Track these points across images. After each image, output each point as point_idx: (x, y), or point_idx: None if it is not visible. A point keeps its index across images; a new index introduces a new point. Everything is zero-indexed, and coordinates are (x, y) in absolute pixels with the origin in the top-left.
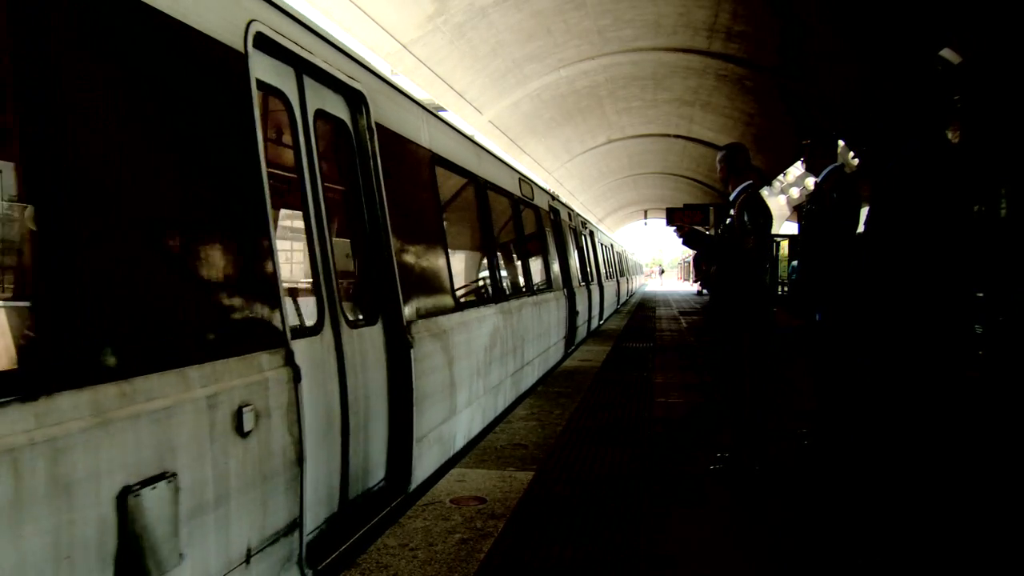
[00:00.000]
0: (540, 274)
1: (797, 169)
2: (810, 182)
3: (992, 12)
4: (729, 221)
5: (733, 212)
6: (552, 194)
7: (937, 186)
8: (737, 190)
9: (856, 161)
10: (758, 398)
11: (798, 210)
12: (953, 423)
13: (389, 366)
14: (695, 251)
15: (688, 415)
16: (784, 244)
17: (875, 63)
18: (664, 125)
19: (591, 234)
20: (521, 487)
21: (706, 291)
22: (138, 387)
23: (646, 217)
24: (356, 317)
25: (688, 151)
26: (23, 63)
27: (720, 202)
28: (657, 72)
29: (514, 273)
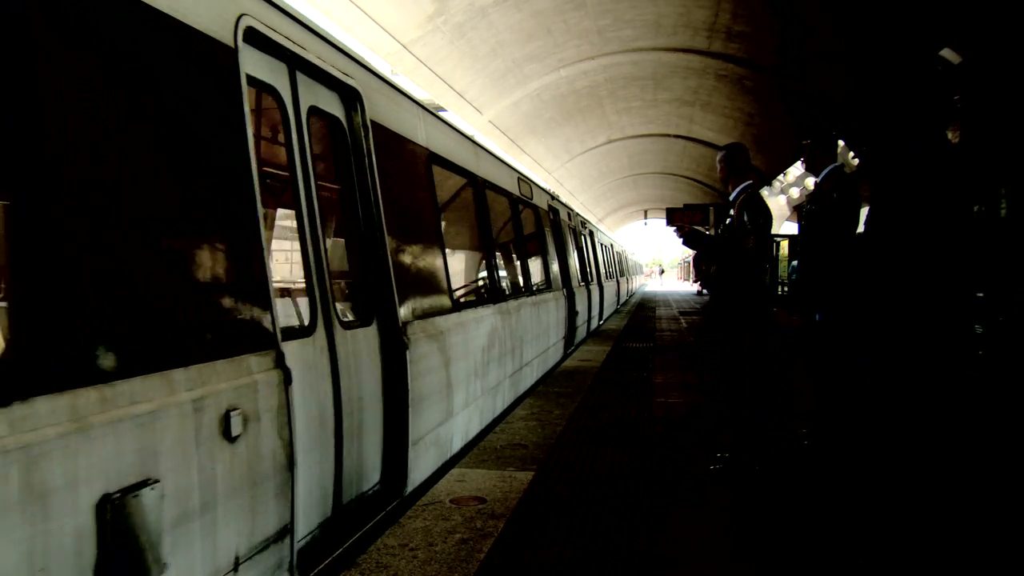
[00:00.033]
0: (539, 274)
1: (797, 169)
2: (810, 182)
3: (992, 12)
4: (729, 221)
5: (733, 212)
6: (551, 193)
7: (937, 186)
8: (737, 190)
9: (856, 161)
10: (758, 398)
11: (798, 210)
12: (953, 423)
13: (384, 368)
14: (695, 251)
15: (688, 415)
16: (784, 244)
17: (875, 63)
18: (664, 125)
19: (591, 234)
20: (521, 487)
21: (706, 291)
22: (120, 391)
23: (646, 217)
24: (350, 318)
25: (688, 151)
26: (2, 56)
27: (720, 202)
28: (657, 72)
29: (512, 273)
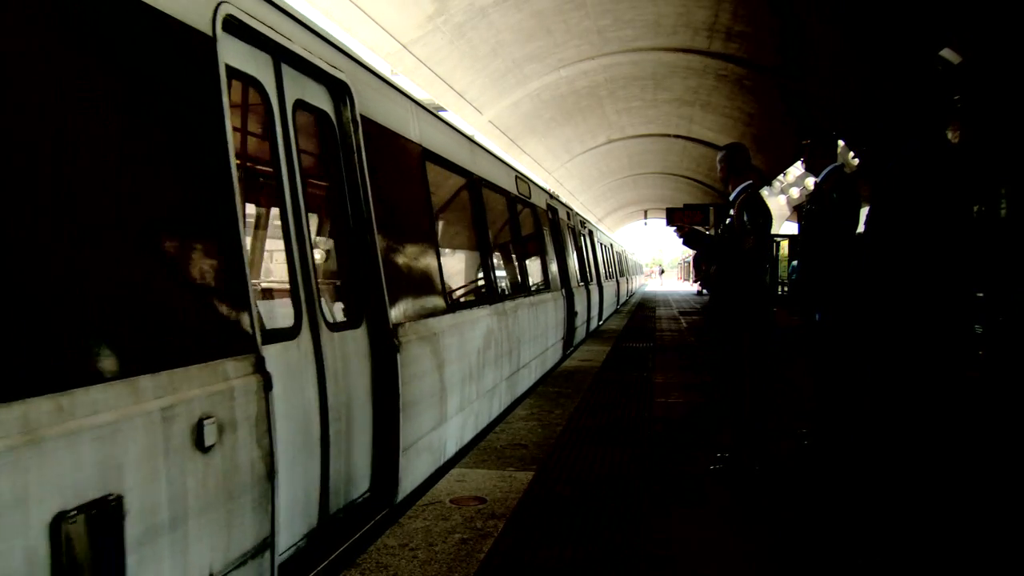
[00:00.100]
0: (537, 274)
1: (797, 169)
2: (810, 182)
3: (992, 12)
4: (729, 221)
5: (733, 212)
6: (550, 192)
7: (937, 186)
8: (737, 190)
9: (856, 161)
10: (758, 398)
11: (798, 210)
12: (953, 423)
13: (374, 371)
14: (695, 251)
15: (688, 415)
16: (784, 244)
17: (875, 63)
18: (664, 125)
19: (590, 233)
20: (521, 487)
21: (706, 291)
22: (78, 400)
23: (646, 217)
24: (338, 319)
25: (688, 151)
26: None
27: (720, 202)
28: (657, 72)
29: (509, 273)
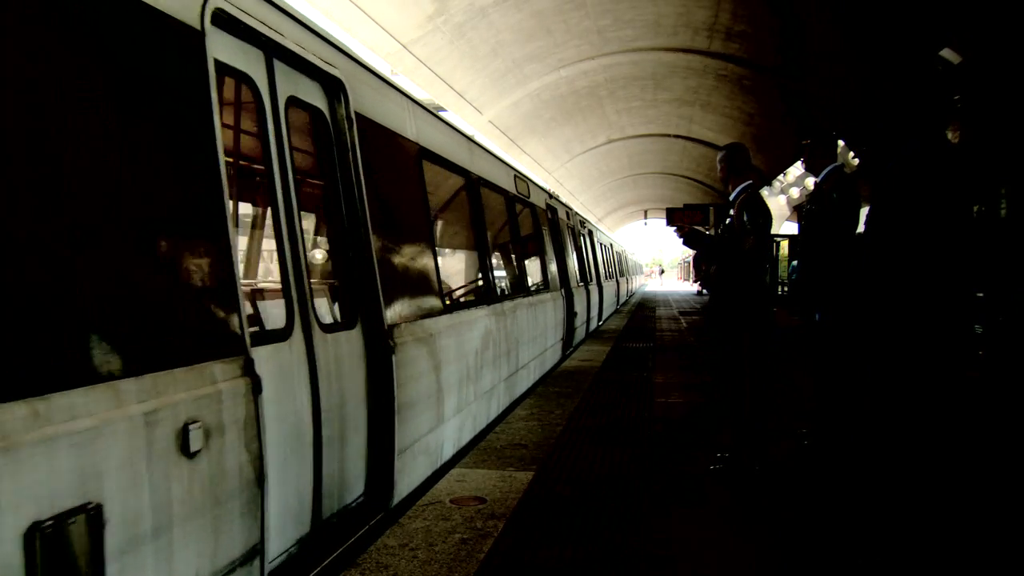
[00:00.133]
0: (536, 274)
1: (797, 169)
2: (810, 182)
3: (992, 12)
4: (729, 221)
5: (733, 212)
6: (549, 192)
7: (937, 186)
8: (737, 190)
9: (856, 161)
10: (758, 398)
11: (798, 210)
12: (953, 423)
13: (369, 373)
14: (695, 251)
15: (688, 415)
16: (784, 244)
17: (875, 63)
18: (664, 125)
19: (590, 233)
20: (521, 487)
21: (706, 291)
22: (55, 405)
23: (646, 217)
24: (332, 320)
25: (688, 151)
26: None
27: (720, 202)
28: (657, 72)
29: (508, 273)
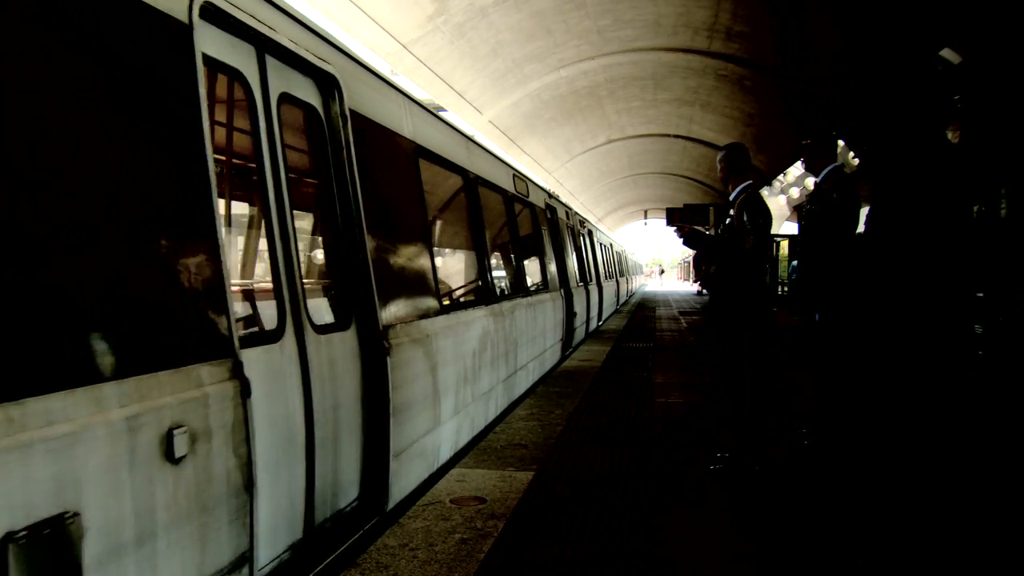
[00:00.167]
0: (535, 274)
1: (797, 169)
2: (810, 182)
3: (992, 12)
4: (729, 221)
5: (733, 212)
6: (549, 191)
7: (937, 186)
8: (737, 190)
9: (856, 161)
10: (758, 398)
11: (798, 210)
12: (953, 423)
13: (364, 375)
14: (695, 251)
15: (688, 415)
16: (784, 244)
17: (875, 63)
18: (664, 125)
19: (590, 233)
20: (521, 487)
21: (706, 291)
22: (30, 410)
23: (646, 217)
24: (325, 321)
25: (688, 151)
26: None
27: (720, 202)
28: (657, 72)
29: (507, 273)
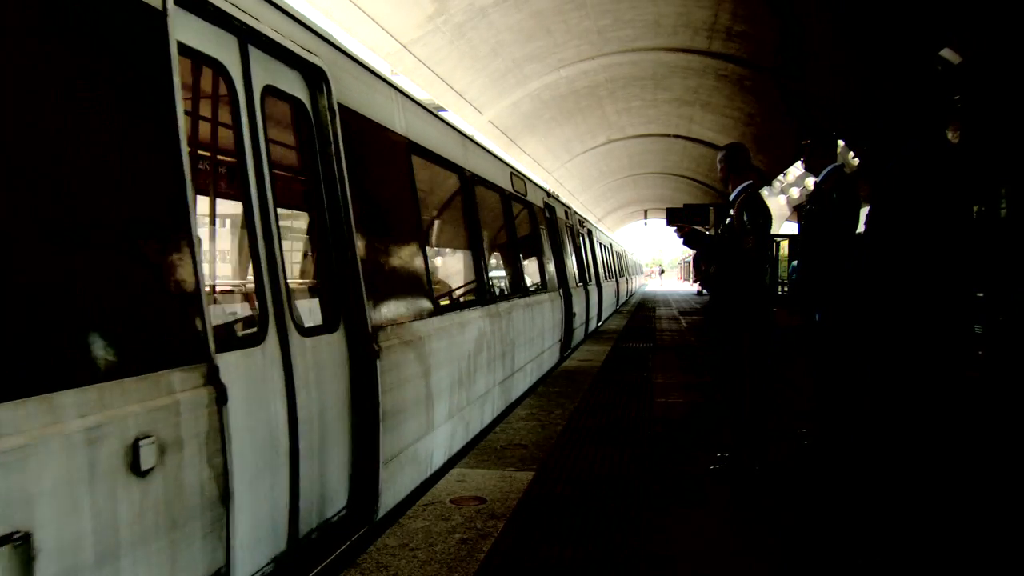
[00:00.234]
0: (533, 274)
1: (797, 169)
2: (810, 182)
3: (992, 12)
4: (729, 221)
5: (733, 212)
6: (547, 191)
7: (937, 186)
8: (737, 190)
9: (856, 161)
10: (758, 398)
11: (798, 210)
12: (953, 423)
13: (353, 379)
14: (695, 251)
15: (688, 415)
16: (784, 244)
17: (875, 63)
18: (664, 125)
19: (589, 233)
20: (521, 487)
21: (706, 291)
22: None
23: (646, 217)
24: (312, 323)
25: (688, 151)
26: None
27: (720, 202)
28: (657, 72)
29: (503, 273)
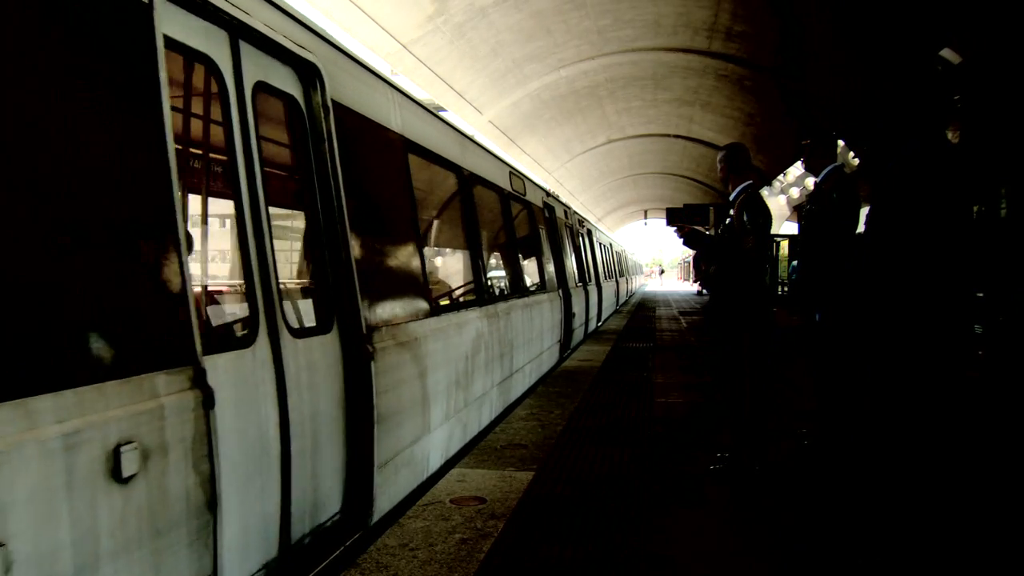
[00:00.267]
0: (532, 274)
1: (797, 169)
2: (810, 182)
3: (992, 12)
4: (729, 221)
5: (733, 212)
6: (547, 190)
7: (937, 186)
8: (737, 190)
9: (856, 161)
10: (758, 398)
11: (798, 210)
12: (953, 423)
13: (347, 381)
14: (695, 251)
15: (688, 415)
16: (784, 244)
17: (875, 63)
18: (664, 125)
19: (589, 233)
20: (521, 487)
21: (706, 291)
22: None
23: (646, 217)
24: (303, 324)
25: (688, 151)
26: None
27: (720, 202)
28: (657, 72)
29: (502, 274)
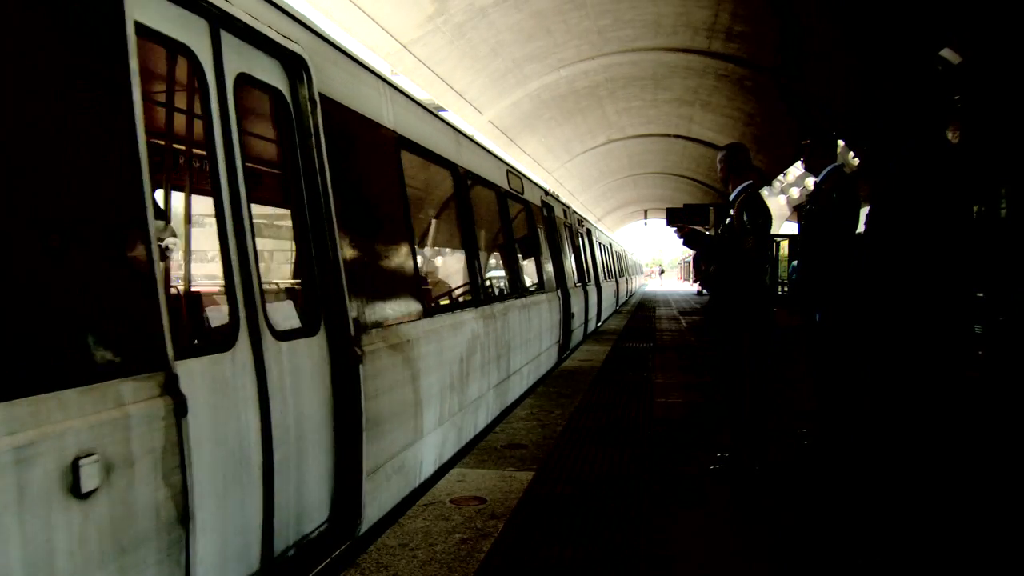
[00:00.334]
0: (530, 274)
1: (797, 169)
2: (810, 182)
3: (992, 12)
4: (729, 221)
5: (733, 212)
6: (546, 189)
7: (936, 186)
8: (737, 190)
9: (856, 161)
10: (758, 398)
11: (798, 210)
12: (953, 423)
13: (334, 385)
14: (695, 251)
15: (688, 415)
16: (784, 244)
17: (875, 63)
18: (664, 125)
19: (588, 232)
20: (521, 487)
21: (706, 291)
22: None
23: (646, 217)
24: (287, 326)
25: (688, 151)
26: None
27: (720, 202)
28: (657, 72)
29: (499, 274)
